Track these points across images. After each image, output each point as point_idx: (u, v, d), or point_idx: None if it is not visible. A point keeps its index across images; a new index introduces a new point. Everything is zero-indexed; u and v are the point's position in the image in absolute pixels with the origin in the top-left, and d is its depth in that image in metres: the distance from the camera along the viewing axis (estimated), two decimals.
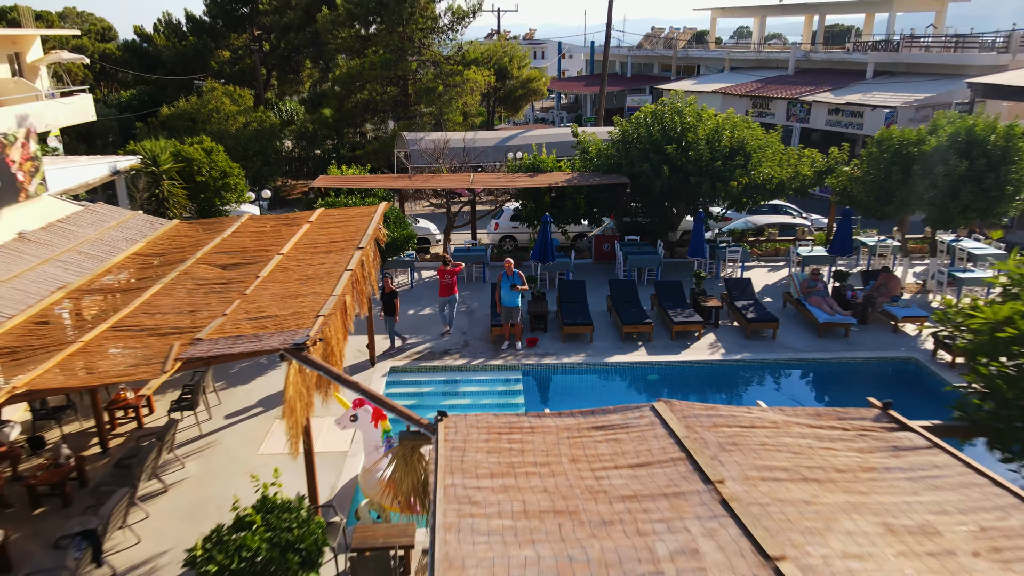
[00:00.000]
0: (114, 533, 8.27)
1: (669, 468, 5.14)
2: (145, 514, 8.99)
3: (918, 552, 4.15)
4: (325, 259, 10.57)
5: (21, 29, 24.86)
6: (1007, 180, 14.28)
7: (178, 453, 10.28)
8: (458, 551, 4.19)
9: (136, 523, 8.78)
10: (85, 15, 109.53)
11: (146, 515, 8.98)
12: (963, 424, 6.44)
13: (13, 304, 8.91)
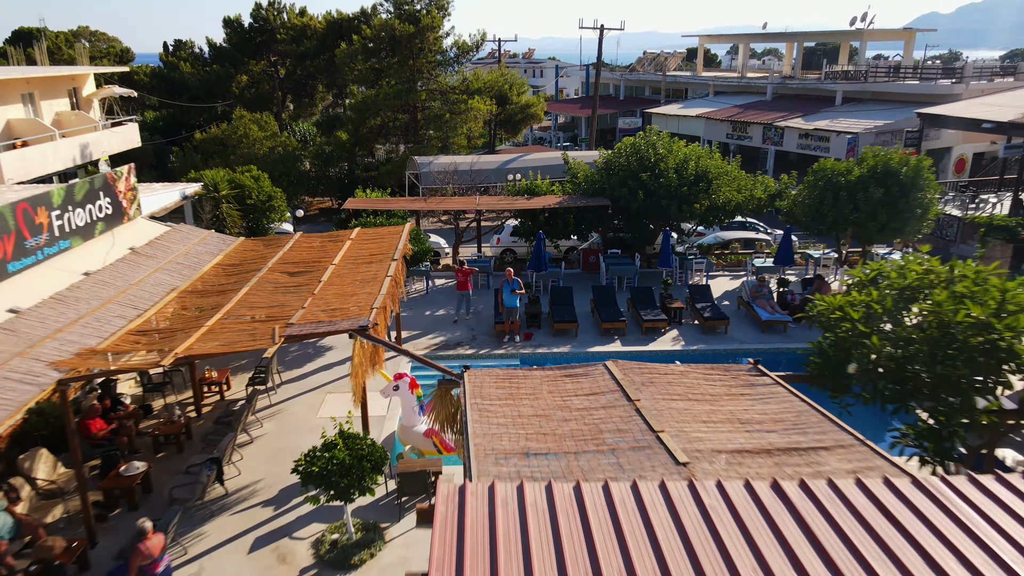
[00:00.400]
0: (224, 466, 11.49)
1: (609, 395, 8.38)
2: (240, 456, 12.21)
3: (740, 429, 7.38)
4: (368, 268, 13.84)
5: (79, 67, 28.28)
6: (916, 204, 17.58)
7: (258, 416, 13.52)
8: (480, 429, 7.43)
9: (236, 462, 12.01)
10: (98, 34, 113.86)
11: (241, 457, 12.20)
12: (808, 374, 9.68)
13: (144, 301, 12.17)
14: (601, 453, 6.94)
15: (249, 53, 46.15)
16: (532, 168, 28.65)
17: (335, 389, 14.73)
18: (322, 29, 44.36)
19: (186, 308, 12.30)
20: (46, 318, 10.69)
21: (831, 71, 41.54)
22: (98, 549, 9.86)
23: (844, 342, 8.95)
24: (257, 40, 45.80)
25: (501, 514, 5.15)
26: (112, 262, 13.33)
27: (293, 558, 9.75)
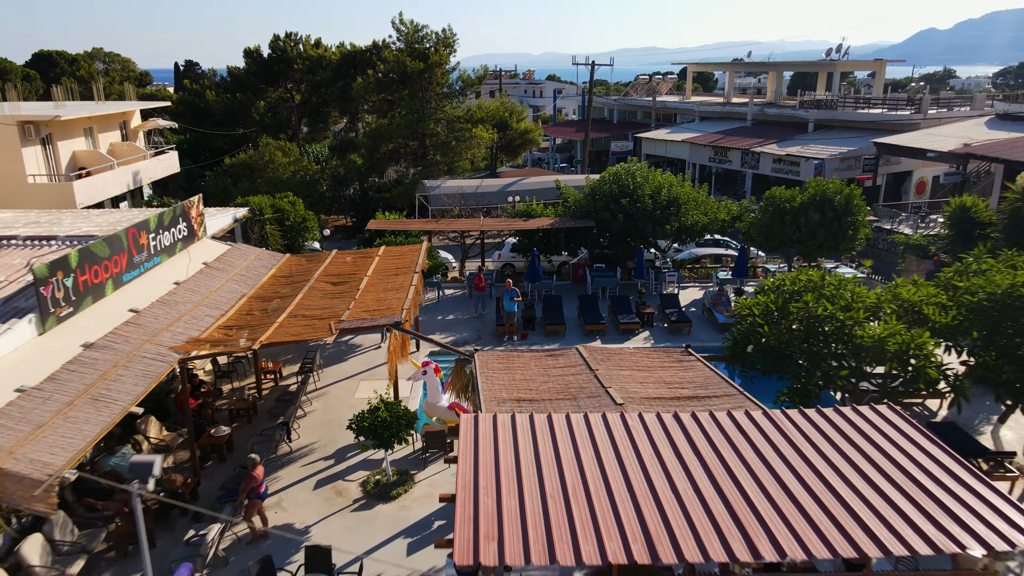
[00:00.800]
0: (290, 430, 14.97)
1: (577, 367, 11.90)
2: (298, 425, 15.70)
3: (663, 387, 10.89)
4: (395, 279, 17.38)
5: (130, 103, 31.99)
6: (848, 226, 21.12)
7: (308, 396, 17.01)
8: (487, 386, 10.95)
9: (296, 428, 15.50)
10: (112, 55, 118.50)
11: (299, 426, 15.69)
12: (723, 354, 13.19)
13: (223, 304, 15.71)
14: (567, 400, 10.45)
15: (267, 80, 49.86)
16: (529, 191, 32.29)
17: (366, 377, 18.22)
18: (337, 60, 48.17)
19: (253, 310, 15.83)
20: (158, 316, 14.23)
21: (804, 100, 45.27)
22: (201, 487, 13.32)
23: (747, 331, 12.46)
24: (275, 69, 49.60)
25: (500, 430, 8.69)
26: (193, 274, 16.88)
27: (347, 493, 13.21)
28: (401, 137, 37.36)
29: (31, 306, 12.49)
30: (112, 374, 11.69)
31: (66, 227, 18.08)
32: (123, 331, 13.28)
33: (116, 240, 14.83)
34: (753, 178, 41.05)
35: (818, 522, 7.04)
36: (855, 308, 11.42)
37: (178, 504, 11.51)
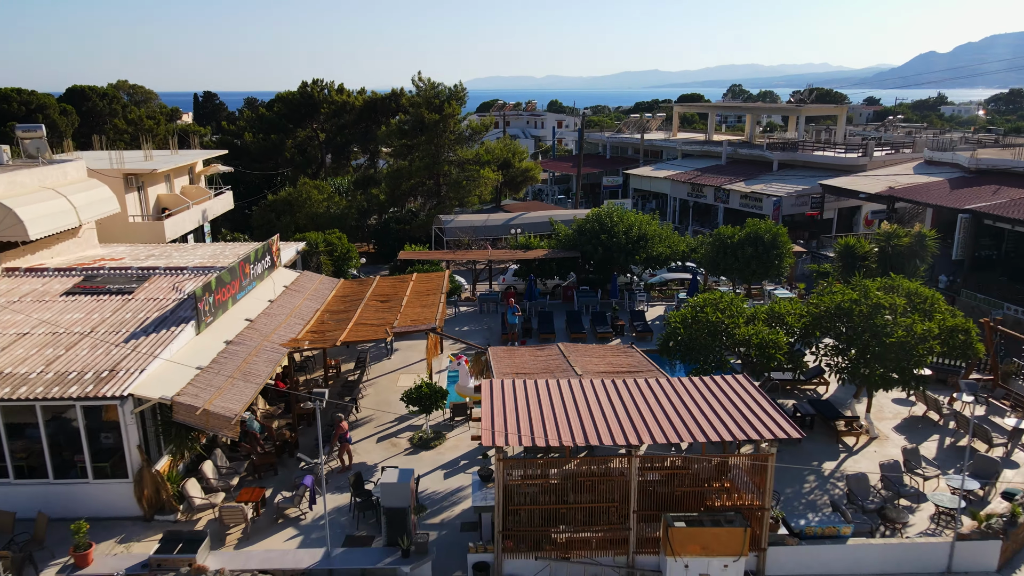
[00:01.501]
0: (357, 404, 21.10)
1: (556, 356, 18.10)
2: (357, 402, 21.85)
3: (610, 366, 17.06)
4: (427, 298, 23.60)
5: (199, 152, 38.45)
6: (775, 257, 27.32)
7: (362, 385, 23.18)
8: (497, 366, 17.15)
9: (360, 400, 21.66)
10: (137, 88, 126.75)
11: (358, 403, 21.83)
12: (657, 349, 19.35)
13: (306, 316, 21.94)
14: (547, 373, 16.63)
15: (296, 121, 56.43)
16: (528, 224, 38.59)
17: (403, 372, 24.36)
18: (360, 106, 54.87)
19: (327, 320, 22.04)
20: (266, 324, 20.46)
21: (771, 142, 51.70)
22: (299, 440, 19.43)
23: (670, 333, 18.64)
24: (303, 111, 56.22)
25: (506, 387, 14.93)
26: (279, 295, 23.13)
27: (399, 444, 19.30)
28: (419, 177, 43.74)
29: (190, 316, 18.68)
30: (250, 360, 17.90)
31: (176, 259, 24.33)
32: (246, 333, 19.51)
33: (234, 270, 21.10)
34: (724, 211, 47.30)
35: (678, 426, 13.17)
36: (736, 317, 17.56)
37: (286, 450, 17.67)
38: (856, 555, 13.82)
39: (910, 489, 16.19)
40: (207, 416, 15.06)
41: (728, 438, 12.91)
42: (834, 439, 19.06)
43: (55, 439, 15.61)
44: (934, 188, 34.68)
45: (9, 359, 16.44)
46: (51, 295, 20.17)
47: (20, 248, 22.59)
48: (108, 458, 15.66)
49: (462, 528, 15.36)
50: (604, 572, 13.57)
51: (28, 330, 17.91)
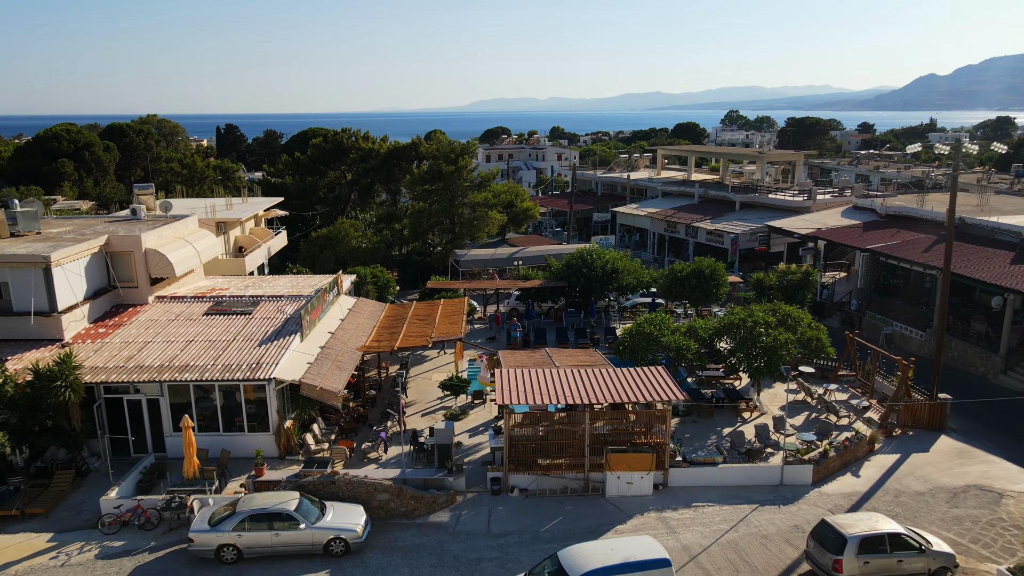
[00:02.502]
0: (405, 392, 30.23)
1: (543, 357, 27.30)
2: (406, 390, 30.98)
3: (581, 363, 26.21)
4: (453, 317, 32.80)
5: (265, 200, 47.81)
6: (714, 286, 36.44)
7: (407, 380, 32.34)
8: (505, 362, 26.34)
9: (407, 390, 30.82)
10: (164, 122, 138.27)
11: (406, 390, 30.96)
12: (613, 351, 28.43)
13: (367, 330, 31.17)
14: (537, 366, 25.80)
15: (326, 164, 65.90)
16: (528, 257, 47.79)
17: (436, 371, 33.46)
18: (384, 152, 64.42)
19: (383, 333, 31.22)
20: (342, 335, 29.66)
21: (735, 185, 61.07)
22: (369, 415, 28.51)
23: (620, 340, 27.76)
24: (334, 156, 65.73)
25: (512, 374, 24.26)
26: (345, 316, 32.34)
27: (437, 417, 28.36)
28: (437, 217, 53.09)
29: (296, 328, 27.84)
30: (339, 358, 27.10)
31: (267, 288, 33.51)
32: (331, 341, 28.73)
33: (319, 297, 30.36)
34: (694, 245, 56.55)
35: (613, 393, 22.28)
36: (664, 330, 26.65)
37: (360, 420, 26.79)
38: (723, 474, 22.85)
39: (773, 441, 25.23)
40: (323, 391, 24.24)
41: (642, 399, 22.07)
42: (735, 414, 28.11)
43: (225, 407, 24.77)
44: (849, 231, 43.92)
45: (189, 356, 25.65)
46: (195, 315, 29.42)
47: (163, 282, 31.87)
48: (256, 419, 24.81)
49: (483, 464, 24.38)
50: (569, 483, 22.61)
51: (192, 338, 27.13)
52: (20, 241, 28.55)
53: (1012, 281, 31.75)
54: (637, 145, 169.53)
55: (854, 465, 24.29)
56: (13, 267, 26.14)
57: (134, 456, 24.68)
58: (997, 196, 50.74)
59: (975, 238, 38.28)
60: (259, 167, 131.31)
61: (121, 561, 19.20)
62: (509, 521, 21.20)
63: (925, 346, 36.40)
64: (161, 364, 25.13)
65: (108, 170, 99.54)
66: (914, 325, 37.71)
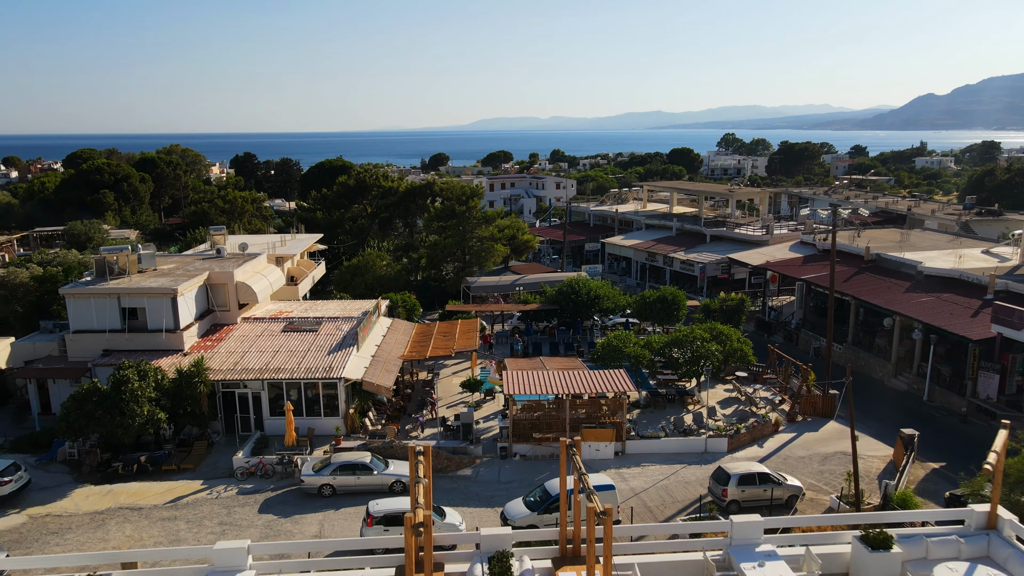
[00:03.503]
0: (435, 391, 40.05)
1: (538, 363, 37.20)
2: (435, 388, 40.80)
3: (567, 368, 36.09)
4: (469, 334, 42.74)
5: (311, 236, 57.90)
6: (674, 309, 46.29)
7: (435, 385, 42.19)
8: (511, 366, 36.22)
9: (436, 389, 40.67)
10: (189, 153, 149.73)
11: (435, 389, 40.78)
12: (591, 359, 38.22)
13: (403, 344, 41.10)
14: (533, 369, 35.66)
15: (351, 199, 75.91)
16: (527, 284, 57.68)
17: (457, 375, 43.25)
18: (402, 190, 74.58)
19: (415, 346, 41.10)
20: (386, 347, 39.55)
21: (707, 219, 71.10)
22: (407, 407, 38.30)
23: (596, 350, 37.56)
24: (357, 192, 75.74)
25: (515, 374, 34.30)
26: (385, 333, 42.23)
27: (459, 408, 38.15)
28: (451, 249, 63.11)
29: (353, 342, 37.71)
30: (386, 364, 37.00)
31: (322, 311, 43.35)
32: (379, 352, 38.65)
33: (367, 318, 40.30)
34: (670, 273, 66.47)
35: (586, 386, 32.10)
36: (626, 343, 36.44)
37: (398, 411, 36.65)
38: (664, 445, 32.60)
39: (706, 424, 34.98)
40: (378, 387, 34.12)
41: (608, 391, 31.91)
42: (683, 406, 37.84)
43: (307, 398, 34.59)
44: (791, 263, 53.87)
45: (278, 362, 35.51)
46: (275, 332, 39.31)
47: (247, 306, 41.78)
48: (329, 407, 34.62)
49: (495, 440, 34.10)
50: (555, 450, 32.34)
51: (277, 349, 37.02)
52: (146, 276, 38.52)
53: (899, 306, 41.61)
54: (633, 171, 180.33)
55: (761, 440, 34.07)
56: (149, 296, 36.11)
57: (242, 434, 34.50)
58: (921, 232, 60.78)
59: (886, 271, 48.15)
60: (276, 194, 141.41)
61: (254, 496, 28.97)
62: (513, 474, 30.98)
63: (843, 356, 46.22)
64: (259, 367, 35.04)
65: (144, 199, 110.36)
66: (836, 340, 47.53)
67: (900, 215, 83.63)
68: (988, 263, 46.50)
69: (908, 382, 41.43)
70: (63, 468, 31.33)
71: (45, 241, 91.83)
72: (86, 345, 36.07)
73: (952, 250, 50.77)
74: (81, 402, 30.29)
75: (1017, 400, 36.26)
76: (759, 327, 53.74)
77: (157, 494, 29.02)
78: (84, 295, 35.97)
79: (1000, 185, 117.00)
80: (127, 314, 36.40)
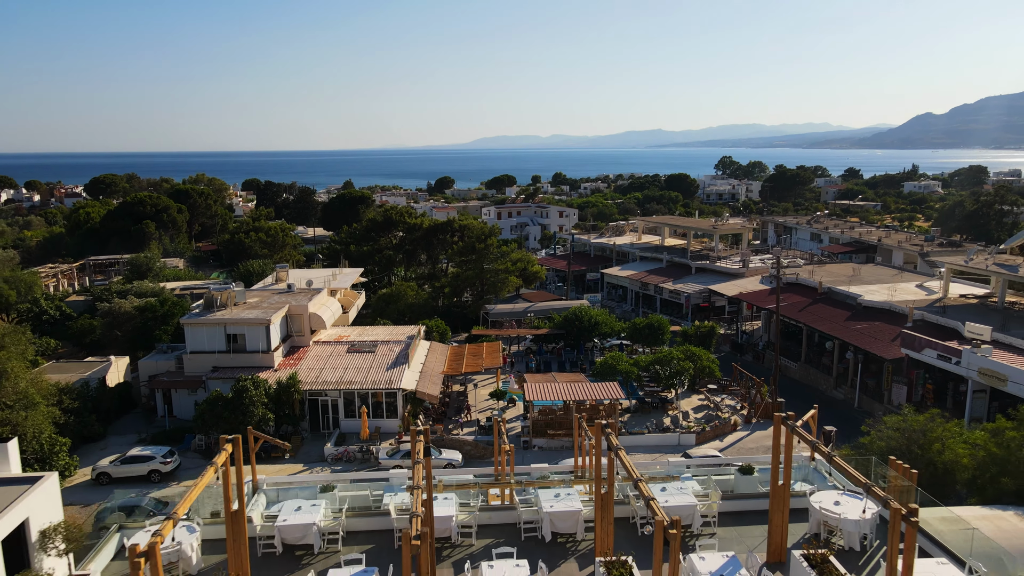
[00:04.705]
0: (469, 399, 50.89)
1: (549, 376, 48.12)
2: (468, 396, 51.68)
3: (568, 380, 46.96)
4: (494, 354, 53.66)
5: (354, 270, 68.95)
6: (659, 333, 57.10)
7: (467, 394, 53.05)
8: (529, 380, 47.17)
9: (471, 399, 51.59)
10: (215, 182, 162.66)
11: (468, 396, 51.66)
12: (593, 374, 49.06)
13: (441, 362, 52.02)
14: (547, 382, 46.54)
15: (379, 234, 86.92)
16: (538, 311, 68.59)
17: (484, 386, 54.08)
18: (426, 226, 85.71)
19: (451, 363, 51.98)
20: (429, 364, 50.46)
21: (692, 252, 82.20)
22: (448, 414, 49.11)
23: (595, 367, 48.41)
24: (385, 227, 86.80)
25: (532, 385, 45.36)
26: (427, 353, 53.13)
27: (487, 414, 48.97)
28: (471, 280, 74.11)
29: (404, 360, 48.62)
30: (432, 377, 47.93)
31: (372, 335, 54.23)
32: (424, 368, 49.59)
33: (412, 341, 51.24)
34: (660, 300, 77.41)
35: (588, 393, 42.97)
36: (619, 361, 47.21)
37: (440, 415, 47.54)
38: (647, 439, 43.41)
39: (680, 425, 45.77)
40: (428, 395, 45.01)
41: (604, 399, 42.78)
42: (664, 411, 48.62)
43: (372, 404, 45.42)
44: (759, 294, 64.83)
45: (348, 376, 46.40)
46: (341, 353, 50.19)
47: (316, 332, 52.65)
48: (389, 410, 45.45)
49: (519, 436, 44.86)
50: (564, 443, 43.13)
51: (346, 366, 47.90)
52: (242, 309, 49.46)
53: (839, 332, 52.50)
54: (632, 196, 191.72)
55: (722, 436, 44.88)
56: (249, 325, 47.06)
57: (323, 431, 45.26)
58: (872, 267, 71.86)
59: (835, 301, 59.11)
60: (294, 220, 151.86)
61: (343, 474, 39.72)
62: (533, 460, 41.73)
63: (798, 372, 57.06)
64: (335, 380, 45.93)
65: (181, 229, 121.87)
66: (792, 359, 58.45)
67: (872, 245, 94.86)
68: (917, 296, 57.56)
69: (844, 393, 52.30)
70: (196, 455, 42.12)
71: (99, 269, 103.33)
72: (199, 363, 46.97)
73: (893, 284, 61.81)
74: (212, 405, 41.16)
75: (921, 405, 47.08)
76: (733, 348, 64.64)
77: (273, 472, 39.73)
78: (198, 324, 46.94)
79: (969, 216, 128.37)
80: (231, 339, 47.32)
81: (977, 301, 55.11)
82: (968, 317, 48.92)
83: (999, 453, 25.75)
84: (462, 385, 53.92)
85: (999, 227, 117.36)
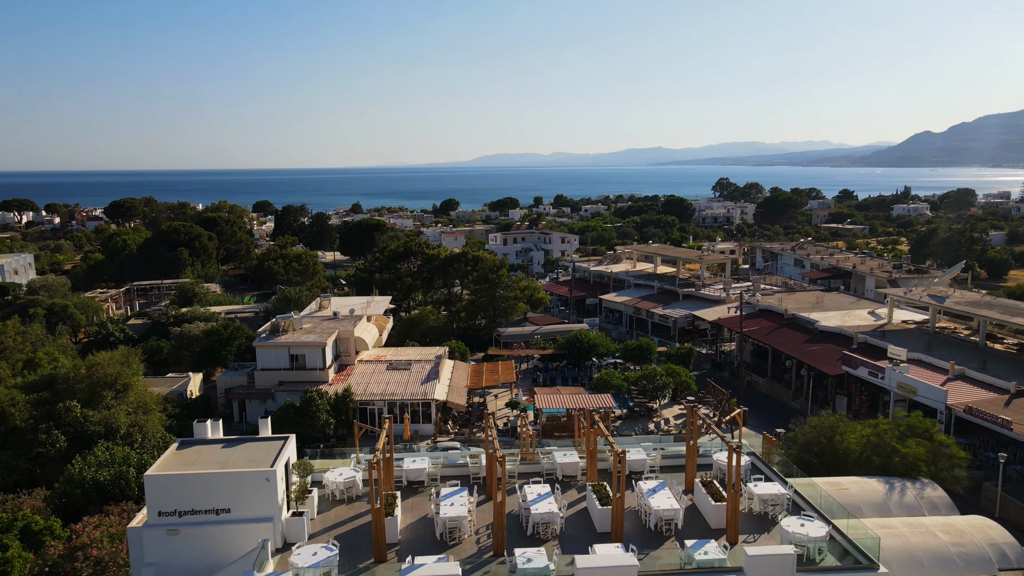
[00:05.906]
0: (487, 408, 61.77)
1: (555, 389, 59.06)
2: (487, 405, 62.58)
3: (571, 392, 57.91)
4: (508, 371, 64.61)
5: (384, 298, 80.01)
6: (648, 353, 68.04)
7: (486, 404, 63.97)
8: (540, 392, 58.07)
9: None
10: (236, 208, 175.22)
11: (487, 406, 62.56)
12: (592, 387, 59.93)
13: (464, 377, 62.97)
14: (554, 394, 57.45)
15: (399, 262, 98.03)
16: (544, 333, 79.50)
17: (499, 397, 64.94)
18: (442, 256, 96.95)
19: (471, 378, 62.91)
20: (454, 380, 61.40)
21: (681, 279, 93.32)
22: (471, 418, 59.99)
23: (593, 382, 59.29)
24: (404, 256, 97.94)
25: (542, 396, 56.45)
26: (452, 370, 64.07)
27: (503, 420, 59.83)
28: (485, 306, 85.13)
29: (435, 376, 59.55)
30: (459, 389, 58.89)
31: (403, 355, 65.15)
32: (451, 382, 60.58)
33: (440, 360, 62.22)
34: (651, 324, 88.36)
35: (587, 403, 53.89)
36: (613, 376, 57.91)
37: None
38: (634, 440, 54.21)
39: (663, 428, 56.57)
40: (456, 404, 55.94)
41: (603, 406, 53.73)
42: (650, 418, 59.42)
43: (411, 411, 56.33)
44: (735, 319, 75.78)
45: (390, 388, 57.35)
46: (381, 370, 61.13)
47: (359, 353, 63.59)
48: (424, 417, 56.33)
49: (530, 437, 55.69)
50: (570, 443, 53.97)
51: (387, 381, 58.85)
52: (300, 333, 60.44)
53: (796, 352, 63.42)
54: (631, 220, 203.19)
55: None
56: (308, 347, 58.05)
57: (371, 434, 56.03)
58: (833, 294, 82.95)
59: (797, 326, 70.10)
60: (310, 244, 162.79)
61: None
62: None
63: (765, 386, 67.93)
64: (380, 392, 56.84)
65: (212, 255, 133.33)
66: (760, 375, 69.36)
67: (847, 271, 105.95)
68: (867, 321, 68.62)
69: (800, 404, 63.21)
70: None
71: (142, 293, 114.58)
72: (268, 378, 57.91)
73: (848, 310, 72.85)
74: (285, 411, 52.04)
75: (858, 413, 57.94)
76: (713, 366, 75.57)
77: None
78: (268, 346, 57.95)
79: (941, 243, 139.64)
80: (293, 358, 58.28)
81: (915, 326, 66.14)
82: (903, 341, 59.88)
83: (874, 440, 36.60)
84: (481, 397, 64.76)
85: (968, 253, 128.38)
